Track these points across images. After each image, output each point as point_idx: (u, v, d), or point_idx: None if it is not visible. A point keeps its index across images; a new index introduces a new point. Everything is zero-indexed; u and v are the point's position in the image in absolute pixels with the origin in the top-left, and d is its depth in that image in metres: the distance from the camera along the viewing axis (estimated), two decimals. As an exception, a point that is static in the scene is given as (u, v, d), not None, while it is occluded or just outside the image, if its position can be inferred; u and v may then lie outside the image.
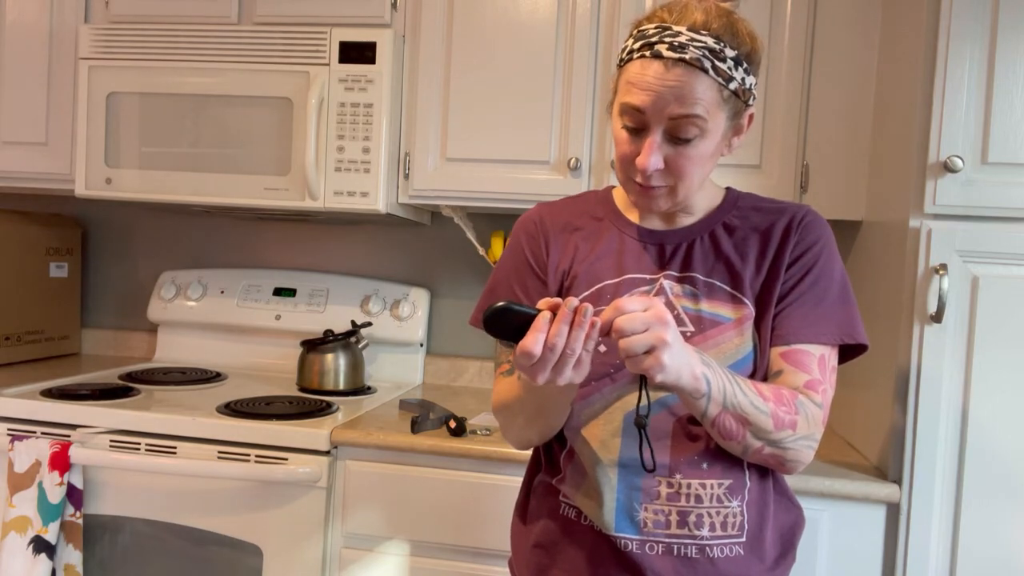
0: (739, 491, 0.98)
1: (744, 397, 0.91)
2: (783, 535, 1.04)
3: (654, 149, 0.93)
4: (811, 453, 0.97)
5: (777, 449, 0.94)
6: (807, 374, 0.97)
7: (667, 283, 1.00)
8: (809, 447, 0.96)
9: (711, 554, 0.96)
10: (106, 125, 1.88)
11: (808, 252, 1.01)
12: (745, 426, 0.92)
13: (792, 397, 0.95)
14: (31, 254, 2.16)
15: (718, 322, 0.98)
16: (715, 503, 0.97)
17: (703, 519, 0.96)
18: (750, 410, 0.91)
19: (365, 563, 1.56)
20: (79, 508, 1.60)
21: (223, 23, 1.90)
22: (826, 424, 1.00)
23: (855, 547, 1.40)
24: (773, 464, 0.97)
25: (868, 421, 1.55)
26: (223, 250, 2.32)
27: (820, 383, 0.97)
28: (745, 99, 0.96)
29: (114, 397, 1.73)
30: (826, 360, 0.99)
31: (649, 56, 0.91)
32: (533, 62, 1.78)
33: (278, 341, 2.18)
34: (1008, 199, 1.33)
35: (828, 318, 1.00)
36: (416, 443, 1.52)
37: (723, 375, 0.90)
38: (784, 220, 1.03)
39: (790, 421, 0.93)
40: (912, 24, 1.44)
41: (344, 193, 1.79)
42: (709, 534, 0.96)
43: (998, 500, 1.34)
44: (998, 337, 1.33)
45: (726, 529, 0.97)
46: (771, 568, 1.01)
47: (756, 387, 0.93)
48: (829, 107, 1.68)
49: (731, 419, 0.91)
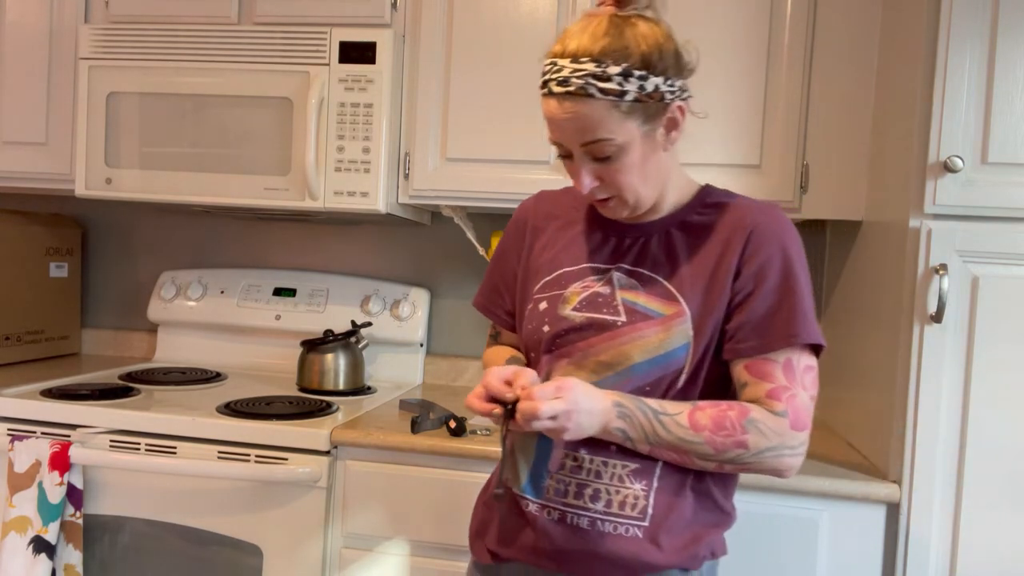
0: (645, 476, 1.01)
1: (670, 434, 0.96)
2: (696, 532, 1.03)
3: (582, 172, 1.01)
4: (793, 460, 0.98)
5: (738, 466, 0.98)
6: (770, 383, 0.99)
7: (616, 275, 1.06)
8: (780, 456, 0.97)
9: (601, 528, 1.01)
10: (106, 125, 1.88)
11: (758, 261, 1.01)
12: (684, 454, 0.97)
13: (739, 418, 0.96)
14: (31, 254, 2.16)
15: (648, 316, 1.02)
16: (615, 482, 1.02)
17: (600, 494, 1.02)
18: (680, 444, 0.96)
19: (365, 563, 1.56)
20: (79, 508, 1.60)
21: (223, 23, 1.90)
22: (807, 425, 0.98)
23: (855, 547, 1.40)
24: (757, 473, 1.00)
25: (868, 421, 1.55)
26: (223, 250, 2.32)
27: (786, 390, 0.98)
28: (657, 98, 0.96)
29: (114, 397, 1.73)
30: (793, 364, 0.99)
31: (546, 94, 0.98)
32: (533, 62, 1.78)
33: (278, 341, 2.18)
34: (1008, 199, 1.33)
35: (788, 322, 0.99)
36: (416, 443, 1.52)
37: (644, 418, 0.96)
38: (740, 226, 1.03)
39: (735, 442, 0.95)
40: (912, 24, 1.44)
41: (344, 193, 1.79)
42: (603, 509, 1.01)
43: (998, 500, 1.34)
44: (998, 337, 1.33)
45: (624, 509, 1.01)
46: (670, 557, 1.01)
47: (691, 418, 0.97)
48: (829, 107, 1.68)
49: (667, 452, 0.98)
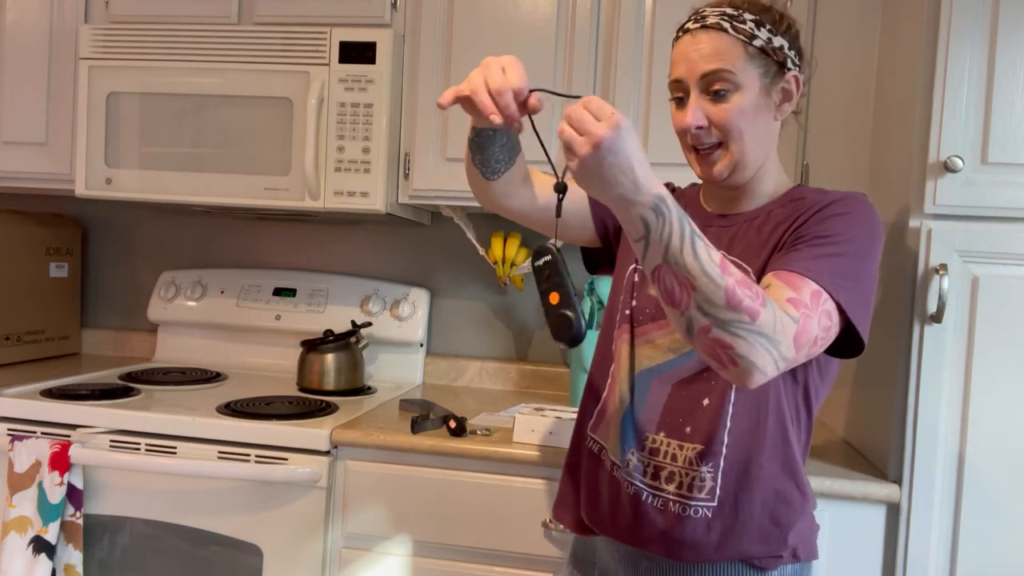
0: (712, 458, 1.03)
1: (696, 260, 0.83)
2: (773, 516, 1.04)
3: (693, 107, 1.03)
4: (768, 360, 0.85)
5: (725, 333, 0.84)
6: (794, 292, 0.90)
7: None
8: (766, 349, 0.85)
9: (673, 509, 1.04)
10: (106, 125, 1.88)
11: (829, 212, 1.00)
12: (690, 292, 0.84)
13: (762, 293, 0.86)
14: (31, 254, 2.16)
15: None
16: (686, 464, 1.03)
17: (673, 476, 1.04)
18: (698, 274, 0.83)
19: (365, 563, 1.56)
20: (79, 508, 1.60)
21: (223, 23, 1.90)
22: (802, 349, 0.89)
23: (855, 547, 1.40)
24: (719, 362, 0.87)
25: (868, 421, 1.55)
26: (223, 250, 2.32)
27: (805, 305, 0.89)
28: (778, 59, 1.03)
29: (114, 397, 1.73)
30: (820, 297, 0.91)
31: (681, 35, 1.06)
32: (533, 62, 1.78)
33: (278, 341, 2.18)
34: (1008, 199, 1.33)
35: (833, 268, 0.93)
36: (416, 443, 1.52)
37: (679, 227, 0.83)
38: (818, 200, 1.03)
39: (749, 307, 0.83)
40: (912, 24, 1.44)
41: (344, 193, 1.79)
42: (675, 491, 1.04)
43: (998, 500, 1.34)
44: (998, 337, 1.33)
45: (693, 491, 1.03)
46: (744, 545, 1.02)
47: (723, 261, 0.85)
48: (829, 107, 1.68)
49: (672, 279, 0.84)
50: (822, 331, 0.91)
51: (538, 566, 1.50)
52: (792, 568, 1.07)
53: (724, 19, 1.02)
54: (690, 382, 1.06)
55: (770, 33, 1.03)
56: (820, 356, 1.04)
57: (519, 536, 1.50)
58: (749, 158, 1.04)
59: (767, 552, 1.04)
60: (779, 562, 1.05)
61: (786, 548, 1.05)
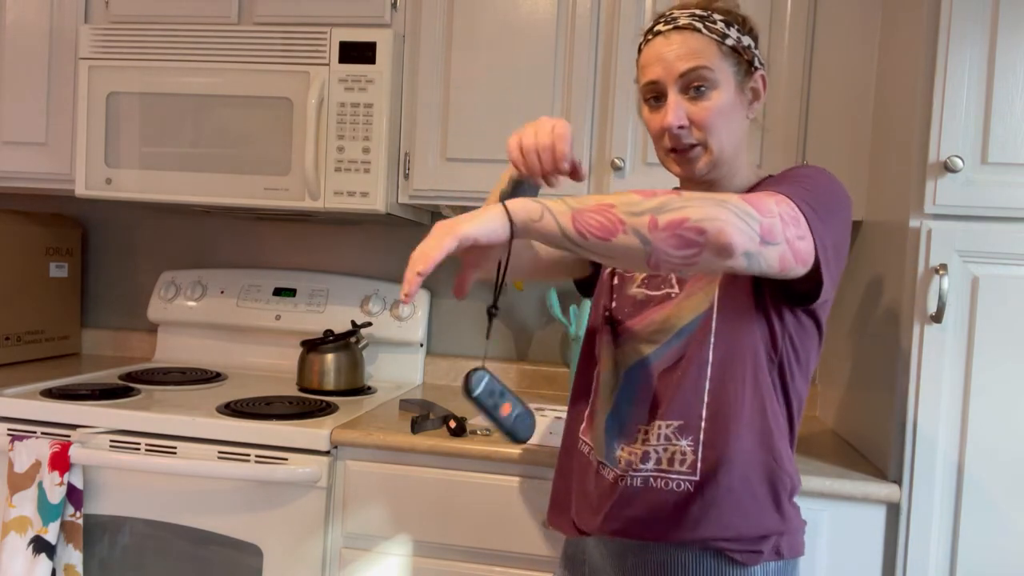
0: (692, 432, 1.03)
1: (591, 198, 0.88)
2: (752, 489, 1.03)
3: (675, 106, 1.04)
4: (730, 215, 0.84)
5: (672, 213, 0.84)
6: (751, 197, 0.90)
7: None
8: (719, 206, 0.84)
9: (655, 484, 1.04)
10: (106, 125, 1.88)
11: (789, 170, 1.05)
12: (612, 210, 0.85)
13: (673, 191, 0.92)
14: (31, 254, 2.16)
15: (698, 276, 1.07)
16: (663, 441, 1.04)
17: (649, 455, 1.05)
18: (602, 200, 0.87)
19: (365, 563, 1.56)
20: (79, 508, 1.60)
21: (223, 23, 1.90)
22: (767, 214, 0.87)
23: (855, 547, 1.40)
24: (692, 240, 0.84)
25: (868, 421, 1.55)
26: (223, 250, 2.32)
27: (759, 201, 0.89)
28: (747, 58, 1.07)
29: (114, 397, 1.73)
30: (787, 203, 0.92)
31: (651, 38, 1.07)
32: (533, 62, 1.78)
33: (278, 341, 2.18)
34: (1008, 199, 1.33)
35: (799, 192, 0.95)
36: (416, 443, 1.52)
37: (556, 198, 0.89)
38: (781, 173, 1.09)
39: (665, 191, 0.87)
40: (912, 24, 1.44)
41: (344, 193, 1.79)
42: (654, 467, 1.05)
43: (998, 500, 1.34)
44: (998, 337, 1.33)
45: (673, 464, 1.04)
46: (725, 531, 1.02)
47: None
48: (829, 107, 1.68)
49: (592, 214, 0.85)
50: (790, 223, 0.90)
51: (538, 566, 1.50)
52: (776, 565, 1.05)
53: (695, 19, 1.04)
54: (673, 368, 1.07)
55: (739, 32, 1.06)
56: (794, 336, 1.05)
57: (519, 536, 1.50)
58: (727, 153, 1.07)
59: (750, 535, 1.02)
60: (759, 558, 1.03)
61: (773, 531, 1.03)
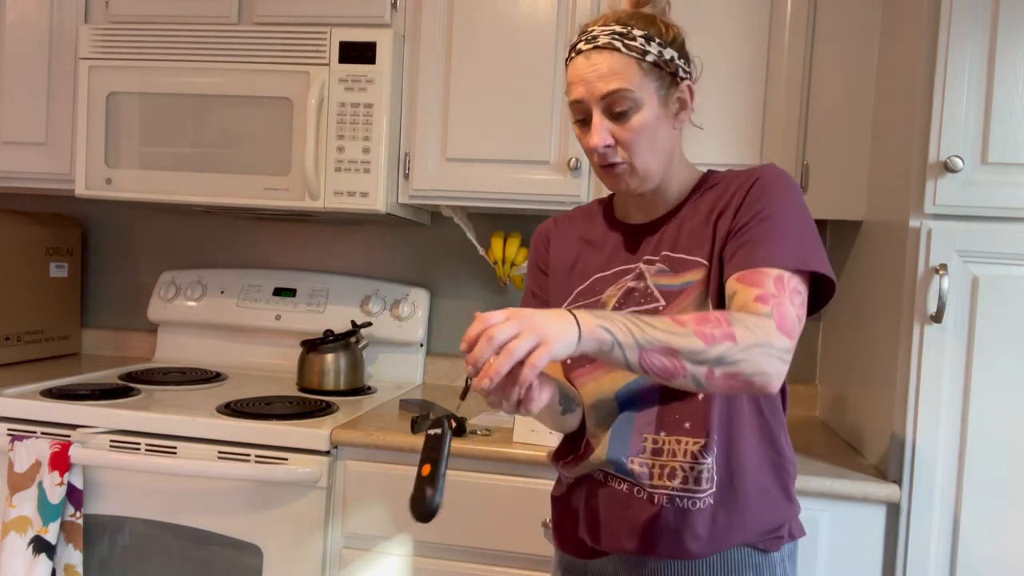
0: (709, 447, 1.04)
1: (657, 330, 0.90)
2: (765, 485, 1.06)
3: (599, 128, 1.04)
4: (777, 363, 0.92)
5: (728, 367, 0.91)
6: (758, 289, 0.96)
7: (644, 266, 1.10)
8: (767, 355, 0.92)
9: (681, 505, 1.04)
10: (106, 125, 1.88)
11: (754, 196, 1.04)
12: (677, 357, 0.90)
13: (722, 315, 0.93)
14: (31, 254, 2.16)
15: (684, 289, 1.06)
16: (689, 459, 1.04)
17: (676, 472, 1.05)
18: (670, 339, 0.90)
19: (365, 563, 1.56)
20: (79, 508, 1.60)
21: (223, 23, 1.90)
22: (792, 334, 0.95)
23: (855, 547, 1.40)
24: (740, 387, 0.93)
25: (868, 421, 1.55)
26: (223, 250, 2.32)
27: (773, 297, 0.95)
28: (671, 71, 1.05)
29: (114, 397, 1.73)
30: (784, 280, 0.97)
31: (574, 56, 1.07)
32: (533, 62, 1.78)
33: (278, 341, 2.18)
34: (1008, 199, 1.33)
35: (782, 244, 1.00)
36: (416, 443, 1.52)
37: (626, 319, 0.90)
38: (742, 179, 1.08)
39: (723, 334, 0.90)
40: (912, 24, 1.44)
41: (344, 193, 1.79)
42: (680, 486, 1.04)
43: (998, 500, 1.34)
44: (998, 337, 1.33)
45: (700, 484, 1.04)
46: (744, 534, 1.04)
47: (671, 318, 0.92)
48: (829, 107, 1.68)
49: (658, 356, 0.90)
50: (799, 308, 0.98)
51: (538, 566, 1.50)
52: (789, 547, 1.10)
53: (615, 38, 1.03)
54: None
55: (660, 47, 1.05)
56: None
57: (519, 536, 1.50)
58: (653, 169, 1.07)
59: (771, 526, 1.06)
60: (781, 543, 1.07)
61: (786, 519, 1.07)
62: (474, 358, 0.87)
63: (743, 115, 1.70)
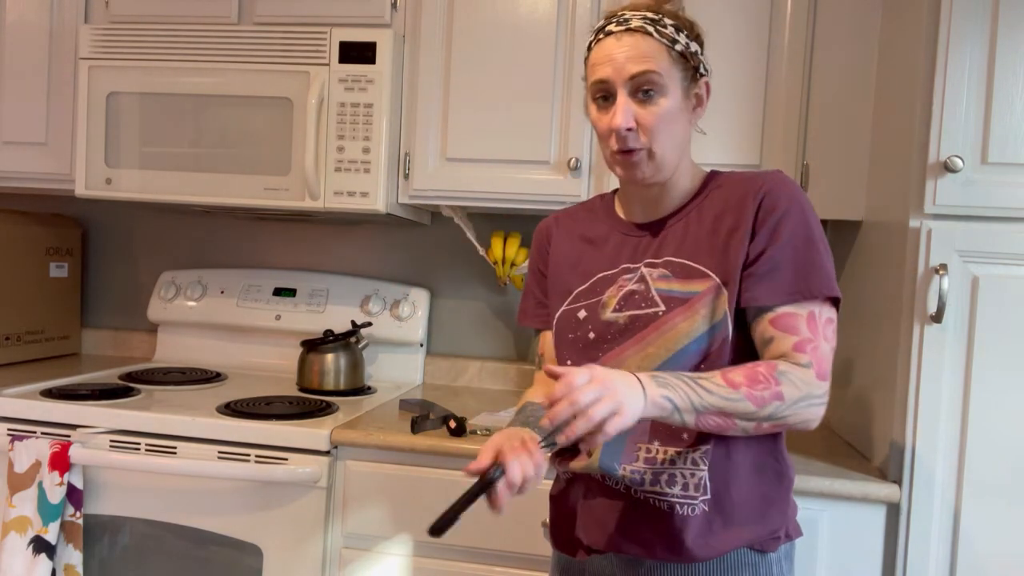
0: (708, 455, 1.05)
1: (712, 396, 0.96)
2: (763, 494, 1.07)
3: (623, 108, 1.04)
4: (818, 410, 1.01)
5: (776, 421, 0.99)
6: (795, 335, 1.02)
7: (646, 270, 1.10)
8: (810, 406, 1.00)
9: (680, 511, 1.05)
10: (106, 125, 1.88)
11: (773, 219, 1.04)
12: (730, 418, 0.97)
13: (769, 371, 0.98)
14: (31, 254, 2.16)
15: (686, 298, 1.06)
16: (690, 465, 1.05)
17: (675, 478, 1.05)
18: (725, 404, 0.96)
19: (365, 563, 1.56)
20: (79, 508, 1.60)
21: (223, 23, 1.90)
22: (828, 375, 1.02)
23: (855, 547, 1.40)
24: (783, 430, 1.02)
25: (868, 421, 1.55)
26: (223, 250, 2.32)
27: (810, 342, 1.01)
28: (694, 64, 1.07)
29: (114, 397, 1.73)
30: (816, 316, 1.03)
31: (602, 37, 1.06)
32: (533, 62, 1.78)
33: (278, 341, 2.18)
34: (1008, 199, 1.33)
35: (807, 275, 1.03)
36: (416, 443, 1.52)
37: (684, 384, 0.95)
38: (752, 189, 1.07)
39: (773, 394, 0.97)
40: (912, 24, 1.44)
41: (344, 193, 1.79)
42: (680, 492, 1.05)
43: (998, 500, 1.34)
44: (998, 337, 1.33)
45: (698, 491, 1.05)
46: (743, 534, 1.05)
47: (725, 378, 0.97)
48: (829, 107, 1.68)
49: (713, 417, 0.97)
50: (831, 338, 1.04)
51: (538, 566, 1.50)
52: (786, 547, 1.11)
53: (648, 23, 1.04)
54: None
55: (687, 39, 1.06)
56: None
57: (519, 536, 1.50)
58: (669, 159, 1.07)
59: (768, 530, 1.06)
60: (778, 543, 1.08)
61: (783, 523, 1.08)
62: (555, 415, 0.89)
63: (743, 115, 1.70)
